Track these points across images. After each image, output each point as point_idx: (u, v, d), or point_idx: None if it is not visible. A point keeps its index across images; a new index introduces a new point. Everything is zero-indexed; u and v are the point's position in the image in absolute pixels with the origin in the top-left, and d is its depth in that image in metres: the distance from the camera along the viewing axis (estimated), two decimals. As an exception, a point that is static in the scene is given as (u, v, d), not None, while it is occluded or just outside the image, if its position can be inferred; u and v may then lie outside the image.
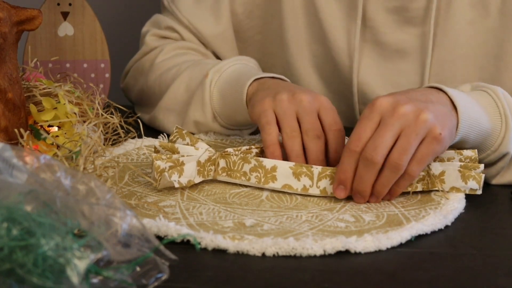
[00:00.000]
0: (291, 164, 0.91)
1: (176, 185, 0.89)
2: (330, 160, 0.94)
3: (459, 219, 0.87)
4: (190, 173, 0.90)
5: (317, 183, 0.90)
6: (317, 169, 0.90)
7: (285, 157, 0.93)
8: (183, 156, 0.92)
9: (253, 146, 0.97)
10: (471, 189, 0.91)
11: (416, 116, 0.86)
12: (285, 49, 1.21)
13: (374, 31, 1.15)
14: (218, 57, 1.23)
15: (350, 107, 1.21)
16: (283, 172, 0.91)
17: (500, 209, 0.92)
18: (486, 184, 0.98)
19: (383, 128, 0.86)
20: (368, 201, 0.89)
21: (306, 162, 0.93)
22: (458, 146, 0.95)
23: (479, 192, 0.91)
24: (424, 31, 1.13)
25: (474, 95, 0.95)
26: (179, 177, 0.89)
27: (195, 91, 1.10)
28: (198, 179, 0.92)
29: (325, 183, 0.90)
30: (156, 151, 0.96)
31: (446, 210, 0.87)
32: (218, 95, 1.08)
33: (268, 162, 0.91)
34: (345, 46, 1.17)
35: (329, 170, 0.90)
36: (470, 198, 0.92)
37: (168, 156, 0.92)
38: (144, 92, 1.20)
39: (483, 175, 0.91)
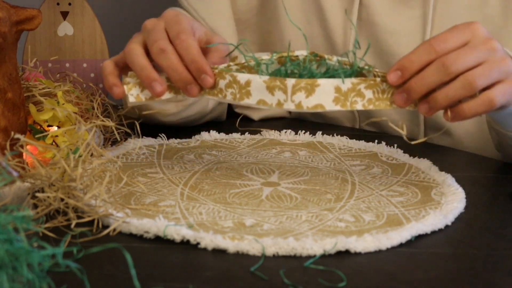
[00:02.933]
0: (265, 77, 0.85)
1: (132, 99, 0.88)
2: (190, 71, 0.88)
3: (459, 219, 0.87)
4: None
5: (291, 97, 0.84)
6: (290, 81, 0.83)
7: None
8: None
9: (232, 63, 0.91)
10: None
11: (503, 57, 0.84)
12: (280, 31, 1.21)
13: (370, 11, 1.15)
14: None
15: None
16: (257, 86, 0.85)
17: (500, 209, 0.92)
18: (486, 184, 0.98)
19: (472, 49, 0.83)
20: (417, 107, 0.85)
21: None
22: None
23: None
24: (420, 13, 1.13)
25: None
26: (141, 91, 0.89)
27: None
28: (167, 95, 0.89)
29: (300, 97, 0.83)
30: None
31: (446, 210, 0.87)
32: None
33: (242, 77, 0.86)
34: (341, 23, 1.16)
35: (303, 82, 0.83)
36: (470, 198, 0.92)
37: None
38: None
39: None
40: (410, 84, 0.84)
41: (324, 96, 0.84)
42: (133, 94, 0.88)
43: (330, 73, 0.86)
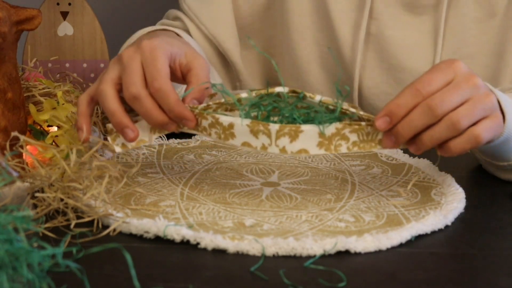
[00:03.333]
0: (248, 121, 0.84)
1: (118, 150, 0.87)
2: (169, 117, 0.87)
3: (459, 219, 0.87)
4: (141, 132, 0.88)
5: (275, 141, 0.84)
6: (274, 126, 0.83)
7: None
8: (137, 115, 0.88)
9: (211, 103, 0.88)
10: None
11: (486, 94, 0.84)
12: (288, 37, 1.20)
13: (380, 24, 1.15)
14: (218, 43, 1.22)
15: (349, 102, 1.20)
16: (241, 129, 0.84)
17: (500, 209, 0.92)
18: (486, 184, 0.98)
19: (456, 88, 0.83)
20: (406, 147, 0.85)
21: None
22: (499, 148, 0.93)
23: None
24: (431, 27, 1.13)
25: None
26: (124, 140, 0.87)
27: None
28: (152, 137, 0.89)
29: (284, 141, 0.83)
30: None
31: (446, 210, 0.87)
32: None
33: (224, 119, 0.85)
34: (350, 37, 1.16)
35: (287, 128, 0.83)
36: (470, 198, 0.92)
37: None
38: None
39: None
40: (398, 129, 0.84)
41: (308, 141, 0.84)
42: (118, 144, 0.88)
43: (312, 117, 0.86)
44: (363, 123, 0.85)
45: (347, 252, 0.78)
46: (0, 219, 0.65)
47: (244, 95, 0.88)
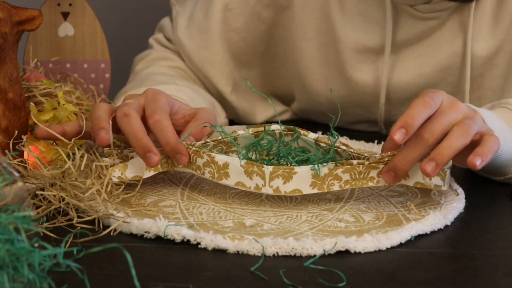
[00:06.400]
0: (242, 162, 0.86)
1: (115, 180, 0.87)
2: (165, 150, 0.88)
3: (459, 219, 0.88)
4: (137, 168, 0.88)
5: (269, 183, 0.86)
6: (268, 169, 0.85)
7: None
8: (133, 151, 0.89)
9: (208, 140, 0.91)
10: (435, 185, 0.87)
11: (473, 113, 0.85)
12: (297, 69, 1.19)
13: (400, 64, 1.14)
14: (211, 83, 1.21)
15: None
16: (235, 169, 0.86)
17: (499, 209, 0.92)
18: (486, 184, 0.98)
19: (443, 114, 0.84)
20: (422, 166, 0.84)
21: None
22: (490, 165, 0.93)
23: (445, 188, 0.88)
24: (458, 50, 1.12)
25: (498, 113, 0.95)
26: (121, 173, 0.88)
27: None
28: (147, 174, 0.89)
29: (277, 183, 0.85)
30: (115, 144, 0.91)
31: (446, 210, 0.87)
32: None
33: (220, 158, 0.86)
34: (370, 81, 1.15)
35: (281, 170, 0.85)
36: (470, 198, 0.92)
37: (119, 151, 0.90)
38: None
39: (448, 171, 0.87)
40: (395, 163, 0.84)
41: (301, 182, 0.85)
42: (115, 176, 0.87)
43: (306, 157, 0.87)
44: (354, 162, 0.86)
45: (347, 252, 0.78)
46: (1, 219, 0.65)
47: (241, 132, 0.90)
